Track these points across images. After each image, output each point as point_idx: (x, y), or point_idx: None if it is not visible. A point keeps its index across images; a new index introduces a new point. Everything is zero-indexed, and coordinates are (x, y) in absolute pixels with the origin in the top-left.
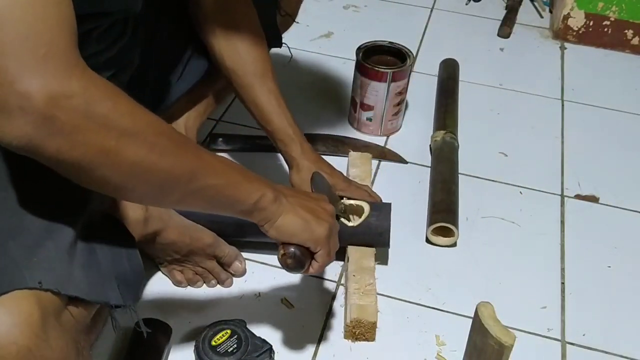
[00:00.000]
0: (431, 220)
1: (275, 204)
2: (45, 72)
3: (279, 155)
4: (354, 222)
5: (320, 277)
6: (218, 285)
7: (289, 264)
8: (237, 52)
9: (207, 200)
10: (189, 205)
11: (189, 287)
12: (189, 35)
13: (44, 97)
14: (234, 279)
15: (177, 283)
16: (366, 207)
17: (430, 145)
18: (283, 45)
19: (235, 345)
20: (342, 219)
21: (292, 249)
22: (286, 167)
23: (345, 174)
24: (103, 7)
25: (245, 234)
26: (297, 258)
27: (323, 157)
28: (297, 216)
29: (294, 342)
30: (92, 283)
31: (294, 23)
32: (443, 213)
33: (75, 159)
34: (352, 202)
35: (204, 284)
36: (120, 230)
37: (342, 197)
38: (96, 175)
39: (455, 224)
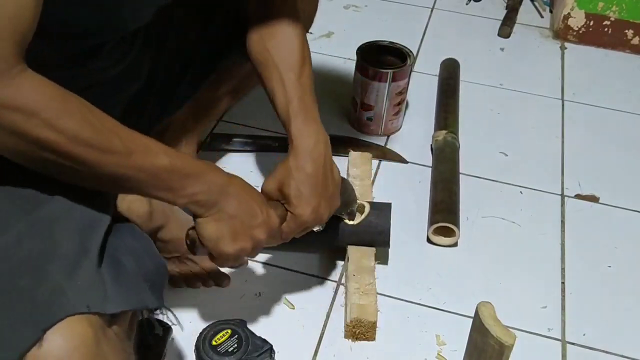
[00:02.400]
0: (432, 220)
1: (205, 207)
2: None
3: (279, 155)
4: (354, 220)
5: (320, 277)
6: None
7: (186, 244)
8: (275, 48)
9: (144, 194)
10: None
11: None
12: (195, 43)
13: None
14: (235, 279)
15: (175, 284)
16: (366, 206)
17: (431, 145)
18: None
19: (235, 345)
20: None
21: (197, 237)
22: None
23: (345, 174)
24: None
25: None
26: (193, 244)
27: None
28: (216, 228)
29: (294, 342)
30: (127, 292)
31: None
32: (444, 213)
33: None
34: None
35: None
36: (131, 228)
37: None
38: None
39: (457, 224)
